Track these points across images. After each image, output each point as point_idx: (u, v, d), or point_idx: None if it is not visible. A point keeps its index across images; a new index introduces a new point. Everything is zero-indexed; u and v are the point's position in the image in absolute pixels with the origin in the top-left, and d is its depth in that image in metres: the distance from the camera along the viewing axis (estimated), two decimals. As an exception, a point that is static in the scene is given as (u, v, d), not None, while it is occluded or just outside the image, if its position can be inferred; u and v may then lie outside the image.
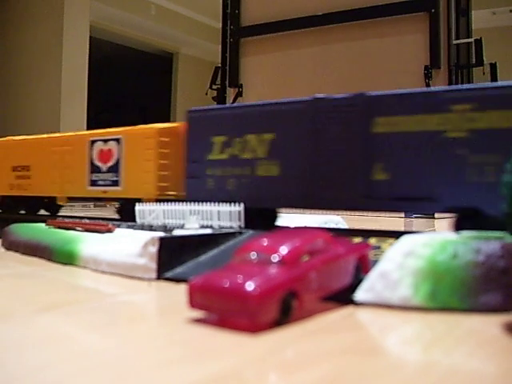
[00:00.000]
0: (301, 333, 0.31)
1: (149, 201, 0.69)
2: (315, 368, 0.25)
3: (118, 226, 0.61)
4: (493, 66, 2.59)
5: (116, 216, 0.81)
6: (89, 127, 3.58)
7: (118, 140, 0.80)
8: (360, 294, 0.37)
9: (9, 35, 3.56)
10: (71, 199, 0.87)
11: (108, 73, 5.13)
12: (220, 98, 2.77)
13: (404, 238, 0.40)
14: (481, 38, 2.39)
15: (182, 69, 5.06)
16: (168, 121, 5.01)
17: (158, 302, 0.42)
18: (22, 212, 0.99)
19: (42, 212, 0.99)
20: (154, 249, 0.47)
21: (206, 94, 2.87)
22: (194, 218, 0.60)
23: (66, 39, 3.42)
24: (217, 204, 0.59)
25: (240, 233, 0.55)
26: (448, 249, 0.37)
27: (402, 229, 0.56)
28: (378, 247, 0.45)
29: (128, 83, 5.51)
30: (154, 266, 0.47)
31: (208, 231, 0.54)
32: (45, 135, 0.93)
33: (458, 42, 2.29)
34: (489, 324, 0.33)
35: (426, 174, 0.48)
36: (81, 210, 1.91)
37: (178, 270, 0.47)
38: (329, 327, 0.32)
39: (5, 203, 1.00)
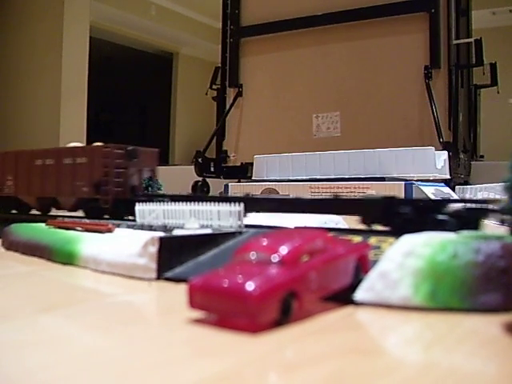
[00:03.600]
0: (301, 333, 0.31)
1: None
2: (315, 368, 0.25)
3: (118, 226, 0.61)
4: (493, 66, 2.59)
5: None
6: (89, 127, 3.58)
7: None
8: (360, 294, 0.37)
9: (8, 35, 3.56)
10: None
11: (108, 73, 5.13)
12: (220, 98, 2.77)
13: (404, 238, 0.40)
14: (481, 38, 2.39)
15: (182, 69, 5.06)
16: (168, 121, 5.02)
17: (158, 302, 0.42)
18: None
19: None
20: (153, 249, 0.47)
21: (206, 94, 2.87)
22: (193, 218, 0.60)
23: (65, 39, 3.42)
24: (216, 204, 0.59)
25: (240, 233, 0.55)
26: (448, 249, 0.37)
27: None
28: (378, 247, 0.45)
29: (128, 83, 5.51)
30: (153, 265, 0.46)
31: (208, 231, 0.54)
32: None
33: (458, 41, 2.29)
34: (489, 324, 0.33)
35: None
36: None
37: (178, 270, 0.47)
38: (329, 327, 0.32)
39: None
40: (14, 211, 0.90)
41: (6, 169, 0.89)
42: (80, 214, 0.82)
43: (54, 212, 0.87)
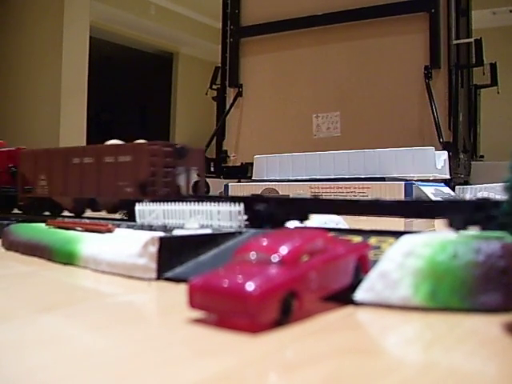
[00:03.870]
0: (301, 333, 0.31)
1: None
2: (315, 368, 0.25)
3: (118, 226, 0.61)
4: (493, 66, 2.59)
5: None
6: (89, 127, 3.58)
7: None
8: (360, 294, 0.37)
9: (8, 35, 3.56)
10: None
11: (108, 73, 5.14)
12: (220, 98, 2.77)
13: (404, 238, 0.40)
14: (481, 38, 2.39)
15: (181, 69, 5.06)
16: (168, 120, 5.02)
17: (158, 302, 0.42)
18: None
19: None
20: (154, 249, 0.47)
21: (206, 93, 2.88)
22: (193, 218, 0.60)
23: (65, 39, 3.42)
24: (216, 203, 0.59)
25: (240, 233, 0.55)
26: (448, 249, 0.37)
27: (402, 229, 0.55)
28: (378, 247, 0.45)
29: (128, 83, 5.51)
30: (153, 265, 0.46)
31: (208, 231, 0.54)
32: None
33: (458, 42, 2.29)
34: (489, 324, 0.33)
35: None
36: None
37: (178, 270, 0.47)
38: (329, 327, 0.32)
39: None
40: (46, 213, 0.84)
41: (39, 168, 0.81)
42: (117, 216, 0.76)
43: (90, 214, 0.81)
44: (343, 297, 0.37)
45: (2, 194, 0.90)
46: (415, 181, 1.62)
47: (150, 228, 0.60)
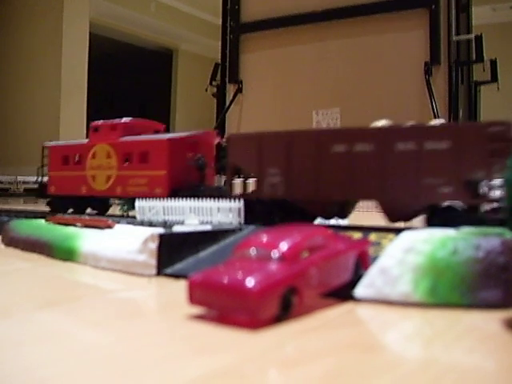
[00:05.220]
0: (301, 329, 0.31)
1: None
2: (315, 364, 0.25)
3: (118, 223, 0.61)
4: (493, 63, 2.58)
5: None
6: (89, 123, 3.57)
7: None
8: (360, 290, 0.37)
9: (8, 32, 3.56)
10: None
11: (108, 69, 5.12)
12: (220, 95, 2.76)
13: (404, 235, 0.40)
14: (481, 34, 2.38)
15: (181, 65, 5.05)
16: (168, 118, 5.01)
17: (158, 298, 0.42)
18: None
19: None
20: (153, 245, 0.47)
21: (206, 90, 2.87)
22: (193, 215, 0.60)
23: (65, 36, 3.42)
24: (216, 200, 0.59)
25: (240, 229, 0.54)
26: (448, 245, 0.37)
27: (402, 225, 0.55)
28: (378, 243, 0.45)
29: (128, 80, 5.50)
30: (153, 262, 0.46)
31: (208, 227, 0.54)
32: None
33: (458, 38, 2.28)
34: (489, 320, 0.33)
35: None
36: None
37: (178, 267, 0.47)
38: (329, 323, 0.32)
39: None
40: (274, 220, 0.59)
41: (267, 157, 0.58)
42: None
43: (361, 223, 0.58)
44: (343, 293, 0.37)
45: (189, 193, 0.68)
46: (415, 177, 1.62)
47: (150, 224, 0.60)
